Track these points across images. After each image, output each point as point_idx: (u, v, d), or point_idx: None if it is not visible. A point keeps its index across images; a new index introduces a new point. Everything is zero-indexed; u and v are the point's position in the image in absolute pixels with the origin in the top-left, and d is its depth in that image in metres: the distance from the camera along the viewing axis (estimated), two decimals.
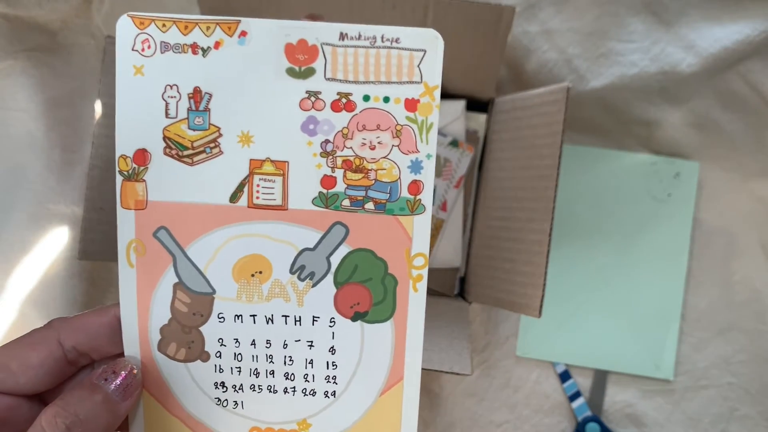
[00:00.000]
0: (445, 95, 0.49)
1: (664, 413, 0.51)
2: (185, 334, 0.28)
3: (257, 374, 0.28)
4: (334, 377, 0.28)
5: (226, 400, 0.29)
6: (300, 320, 0.28)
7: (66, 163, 0.51)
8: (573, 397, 0.51)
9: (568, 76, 0.50)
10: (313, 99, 0.26)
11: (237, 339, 0.28)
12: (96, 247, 0.39)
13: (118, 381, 0.26)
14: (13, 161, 0.50)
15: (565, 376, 0.51)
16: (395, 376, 0.28)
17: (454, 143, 0.49)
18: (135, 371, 0.27)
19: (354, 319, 0.28)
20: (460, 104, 0.49)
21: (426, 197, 0.27)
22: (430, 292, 0.50)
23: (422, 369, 0.29)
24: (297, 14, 0.43)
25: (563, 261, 0.52)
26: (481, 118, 0.50)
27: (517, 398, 0.52)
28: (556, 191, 0.38)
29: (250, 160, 0.27)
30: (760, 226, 0.52)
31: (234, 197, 0.27)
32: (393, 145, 0.27)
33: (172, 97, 0.26)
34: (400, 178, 0.27)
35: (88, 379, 0.25)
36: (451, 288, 0.50)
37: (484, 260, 0.46)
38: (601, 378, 0.51)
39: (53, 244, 0.50)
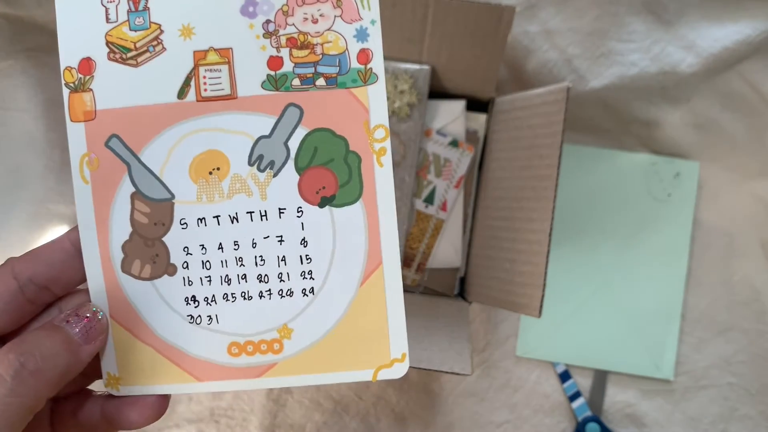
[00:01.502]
0: (445, 95, 0.49)
1: (664, 413, 0.51)
2: (148, 248, 0.26)
3: (229, 281, 0.27)
4: (310, 272, 0.27)
5: (200, 315, 0.27)
6: (266, 215, 0.27)
7: (66, 163, 0.51)
8: (573, 397, 0.51)
9: (568, 76, 0.50)
10: None
11: (203, 245, 0.27)
12: None
13: (81, 323, 0.25)
14: (13, 161, 0.51)
15: (565, 376, 0.51)
16: (374, 261, 0.27)
17: (454, 143, 0.49)
18: (99, 315, 0.26)
19: (321, 205, 0.26)
20: (460, 104, 0.49)
21: (377, 65, 0.26)
22: (431, 293, 0.50)
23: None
24: None
25: (563, 261, 0.52)
26: (481, 118, 0.50)
27: (517, 398, 0.52)
28: (556, 191, 0.38)
29: (194, 52, 0.26)
30: (760, 226, 0.52)
31: (182, 93, 0.26)
32: (335, 16, 0.26)
33: (111, 1, 0.26)
34: (347, 48, 0.26)
35: (50, 321, 0.25)
36: (451, 288, 0.50)
37: (484, 260, 0.46)
38: (601, 378, 0.51)
39: None
